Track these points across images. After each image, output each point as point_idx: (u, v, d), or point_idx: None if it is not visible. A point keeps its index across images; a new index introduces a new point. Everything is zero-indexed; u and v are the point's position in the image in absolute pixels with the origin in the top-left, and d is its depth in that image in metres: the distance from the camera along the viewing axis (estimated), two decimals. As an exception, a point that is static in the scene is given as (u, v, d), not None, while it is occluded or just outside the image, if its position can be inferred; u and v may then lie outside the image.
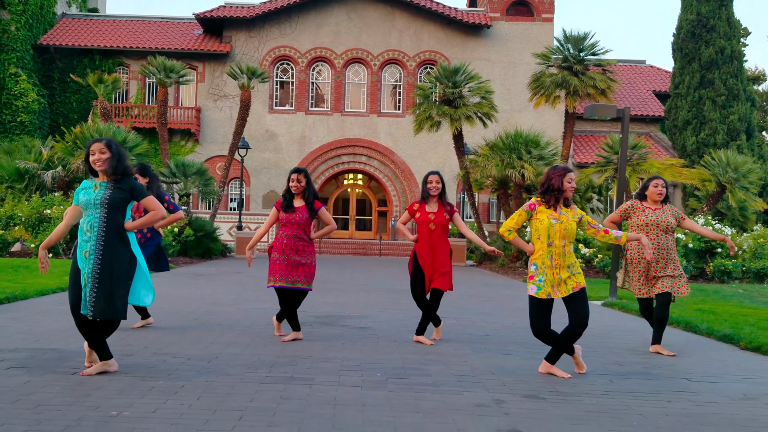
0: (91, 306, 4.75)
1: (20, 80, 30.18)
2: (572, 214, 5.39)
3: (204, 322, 7.79)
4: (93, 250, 4.80)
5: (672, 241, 6.55)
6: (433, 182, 6.68)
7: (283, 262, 6.52)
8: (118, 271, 4.82)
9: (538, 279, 5.28)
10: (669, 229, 6.52)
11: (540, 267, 5.30)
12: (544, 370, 5.47)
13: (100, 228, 4.82)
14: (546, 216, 5.31)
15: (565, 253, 5.29)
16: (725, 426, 4.28)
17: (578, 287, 5.28)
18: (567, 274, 5.27)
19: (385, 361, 5.83)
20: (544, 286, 5.26)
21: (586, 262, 17.56)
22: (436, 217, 6.66)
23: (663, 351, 6.61)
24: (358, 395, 4.64)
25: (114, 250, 4.82)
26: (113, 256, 4.82)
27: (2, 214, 18.05)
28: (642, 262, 6.51)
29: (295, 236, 6.56)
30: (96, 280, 4.77)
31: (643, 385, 5.24)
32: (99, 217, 4.82)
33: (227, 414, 4.09)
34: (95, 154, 4.84)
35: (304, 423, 3.95)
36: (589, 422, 4.21)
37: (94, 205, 4.83)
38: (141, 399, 4.37)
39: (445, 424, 4.02)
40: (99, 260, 4.79)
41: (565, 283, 5.27)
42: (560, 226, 5.29)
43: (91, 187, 4.90)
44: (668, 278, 6.46)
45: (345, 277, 15.10)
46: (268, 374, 5.17)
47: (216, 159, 31.30)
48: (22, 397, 4.34)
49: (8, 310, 8.18)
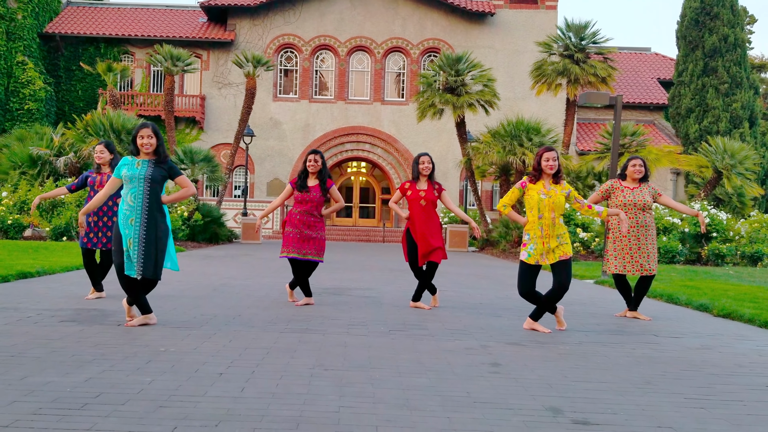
0: (140, 267, 5.47)
1: (27, 68, 30.47)
2: (561, 189, 5.90)
3: (222, 292, 8.36)
4: (138, 217, 5.48)
5: (651, 218, 7.02)
6: (424, 163, 7.24)
7: (296, 236, 7.10)
8: (159, 236, 5.53)
9: (530, 247, 5.85)
10: (646, 207, 6.98)
11: (532, 237, 5.86)
12: (528, 326, 6.09)
13: (144, 199, 5.50)
14: (536, 192, 5.87)
15: (555, 224, 5.82)
16: (676, 364, 4.89)
17: (565, 256, 5.82)
18: (556, 243, 5.80)
19: (388, 320, 6.55)
20: (534, 254, 5.83)
21: (585, 246, 17.87)
22: (426, 194, 7.19)
23: (640, 316, 7.14)
24: (364, 341, 5.36)
25: (155, 218, 5.54)
26: (156, 224, 5.52)
27: (16, 199, 18.43)
28: (623, 240, 6.90)
29: (308, 212, 7.14)
30: (143, 244, 5.47)
31: (613, 338, 5.90)
32: (143, 189, 5.50)
33: (256, 351, 4.84)
34: (143, 138, 5.55)
35: (320, 357, 4.72)
36: (559, 360, 4.89)
37: (138, 179, 5.50)
38: (182, 341, 5.10)
39: (438, 360, 4.72)
40: (144, 227, 5.48)
41: (554, 251, 5.81)
42: (549, 200, 5.81)
43: (134, 163, 5.56)
44: (652, 257, 6.94)
45: (350, 260, 15.48)
46: (286, 327, 5.92)
47: (220, 146, 31.59)
48: (82, 339, 5.07)
49: (41, 282, 8.79)
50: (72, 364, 4.24)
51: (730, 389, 4.18)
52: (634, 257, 6.95)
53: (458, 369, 4.45)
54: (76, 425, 3.07)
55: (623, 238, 6.94)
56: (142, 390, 3.68)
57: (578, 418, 3.42)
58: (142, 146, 5.55)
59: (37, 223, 17.84)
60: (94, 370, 4.08)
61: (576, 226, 18.35)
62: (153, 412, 3.29)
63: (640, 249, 6.92)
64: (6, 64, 30.02)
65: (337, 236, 28.16)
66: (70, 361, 4.32)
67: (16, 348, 4.66)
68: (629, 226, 6.79)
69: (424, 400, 3.67)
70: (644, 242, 6.92)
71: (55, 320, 5.84)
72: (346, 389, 3.84)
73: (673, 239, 17.17)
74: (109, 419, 3.17)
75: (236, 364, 4.37)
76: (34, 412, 3.24)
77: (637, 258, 6.94)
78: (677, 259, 16.91)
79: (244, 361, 4.49)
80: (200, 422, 3.17)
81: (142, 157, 5.60)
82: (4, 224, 17.74)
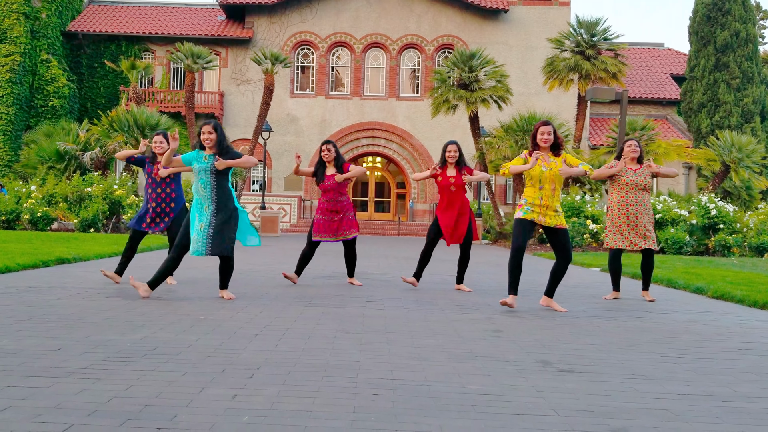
0: (209, 248, 6.27)
1: (51, 66, 31.34)
2: (560, 160, 6.30)
3: (248, 275, 9.02)
4: (210, 204, 6.34)
5: (648, 198, 7.48)
6: (451, 151, 7.77)
7: (326, 222, 7.86)
8: (227, 219, 6.34)
9: (527, 207, 6.26)
10: (647, 187, 7.46)
11: (530, 203, 6.27)
12: (545, 303, 6.49)
13: (212, 188, 6.34)
14: (538, 164, 6.23)
15: (554, 195, 6.25)
16: (662, 333, 5.43)
17: (561, 226, 6.26)
18: (553, 213, 6.25)
19: (403, 297, 7.20)
20: (530, 213, 6.23)
21: (595, 238, 18.34)
22: (456, 180, 7.72)
23: (648, 296, 7.65)
24: (381, 313, 6.01)
25: (223, 204, 6.34)
26: (224, 209, 6.33)
27: (44, 192, 19.21)
28: (622, 217, 7.40)
29: (334, 199, 7.87)
30: (214, 227, 6.27)
31: (609, 313, 6.47)
32: (210, 180, 6.34)
33: (285, 319, 5.50)
34: (205, 134, 6.37)
35: (342, 324, 5.36)
36: (554, 328, 5.46)
37: (206, 171, 6.33)
38: (217, 312, 5.75)
39: (447, 328, 5.32)
40: (215, 212, 6.30)
41: (551, 218, 6.23)
42: (550, 173, 6.25)
43: (201, 157, 6.41)
44: (650, 235, 7.42)
45: (366, 250, 16.06)
46: (310, 302, 6.57)
47: (239, 142, 32.29)
48: (130, 310, 5.72)
49: (79, 266, 9.51)
50: (126, 327, 4.87)
51: (703, 350, 4.73)
52: (628, 234, 7.45)
53: (464, 333, 5.04)
54: (141, 367, 3.68)
55: (621, 215, 7.43)
56: (191, 345, 4.30)
57: (563, 368, 3.99)
58: (204, 141, 6.37)
59: (63, 217, 18.61)
60: (147, 332, 4.71)
61: (586, 218, 18.83)
62: (203, 360, 3.90)
63: (636, 227, 7.34)
64: (31, 61, 30.90)
65: (353, 229, 28.74)
66: (123, 325, 4.95)
67: (74, 315, 5.30)
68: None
69: (433, 354, 4.25)
70: (641, 220, 7.36)
71: (102, 296, 6.49)
72: (366, 346, 4.44)
73: (680, 231, 17.61)
74: (168, 364, 3.78)
75: (269, 329, 4.99)
76: (104, 359, 3.86)
77: (631, 236, 7.42)
78: (684, 250, 17.35)
79: (275, 326, 5.11)
80: (244, 366, 3.77)
81: (208, 151, 6.40)
82: (34, 216, 18.52)
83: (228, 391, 3.28)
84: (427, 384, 3.52)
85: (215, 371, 3.65)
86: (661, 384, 3.70)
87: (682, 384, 3.72)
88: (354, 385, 3.46)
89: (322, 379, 3.54)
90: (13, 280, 7.49)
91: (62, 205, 18.68)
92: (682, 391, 3.56)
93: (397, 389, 3.40)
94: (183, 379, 3.48)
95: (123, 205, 18.88)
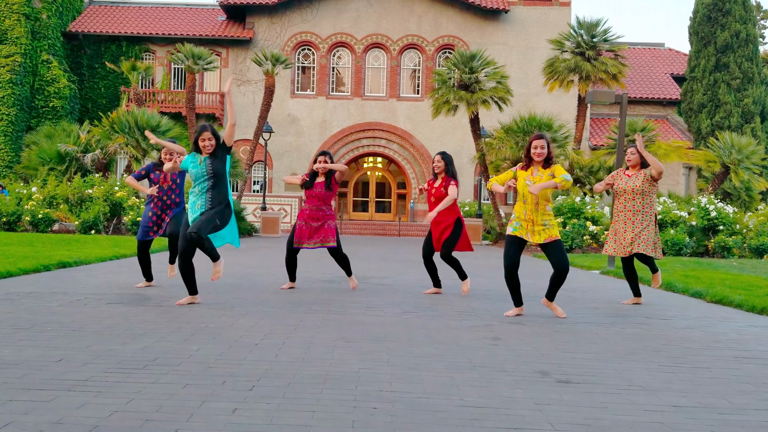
0: (194, 226, 6.23)
1: (52, 66, 31.38)
2: (548, 172, 6.24)
3: (248, 279, 9.01)
4: (203, 203, 6.37)
5: (647, 204, 7.41)
6: (435, 161, 7.90)
7: (306, 229, 7.90)
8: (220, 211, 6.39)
9: (515, 223, 6.31)
10: (644, 192, 7.40)
11: (517, 217, 6.33)
12: (545, 303, 6.53)
13: (207, 190, 6.38)
14: (523, 178, 6.29)
15: (538, 210, 6.21)
16: (660, 340, 5.47)
17: (551, 239, 6.22)
18: (541, 227, 6.21)
19: (402, 303, 7.23)
20: (519, 229, 6.27)
21: (595, 239, 18.37)
22: (436, 191, 7.81)
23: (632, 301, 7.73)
24: (381, 320, 6.05)
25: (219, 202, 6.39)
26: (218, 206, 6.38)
27: (45, 194, 19.25)
28: (618, 223, 7.44)
29: (316, 207, 7.92)
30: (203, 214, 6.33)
31: (607, 319, 6.49)
32: (207, 183, 6.38)
33: (285, 327, 5.53)
34: (204, 141, 6.36)
35: (341, 332, 5.40)
36: (553, 335, 5.52)
37: (202, 174, 6.38)
38: (218, 319, 5.79)
39: (446, 336, 5.36)
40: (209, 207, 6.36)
41: (540, 234, 6.22)
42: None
43: (197, 160, 6.33)
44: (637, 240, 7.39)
45: (366, 252, 16.10)
46: (309, 309, 6.59)
47: (239, 143, 32.31)
48: (130, 317, 5.74)
49: (80, 270, 9.55)
50: (127, 336, 4.91)
51: (700, 359, 4.76)
52: (622, 240, 7.48)
53: (463, 342, 5.08)
54: (142, 379, 3.71)
55: (616, 221, 7.46)
56: (192, 356, 4.33)
57: (561, 379, 4.02)
58: (203, 148, 6.37)
59: (65, 218, 18.65)
60: (148, 341, 4.74)
61: (586, 219, 18.86)
62: (204, 371, 3.93)
63: (633, 232, 7.36)
64: (31, 62, 30.94)
65: (354, 230, 28.81)
66: (124, 334, 4.98)
67: (75, 324, 5.34)
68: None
69: (432, 364, 4.29)
70: (637, 226, 7.37)
71: (102, 302, 6.53)
72: (365, 356, 4.47)
73: (680, 232, 17.64)
74: (168, 375, 3.81)
75: (269, 337, 5.02)
76: (104, 371, 3.89)
77: (623, 241, 7.46)
78: (684, 251, 17.38)
79: (275, 334, 5.14)
80: (244, 378, 3.80)
81: (204, 154, 6.41)
82: (35, 218, 18.56)
83: (228, 404, 3.31)
84: (425, 396, 3.55)
85: (215, 383, 3.68)
86: (657, 395, 3.73)
87: (679, 395, 3.75)
88: (353, 397, 3.49)
89: (322, 392, 3.58)
90: (14, 286, 7.54)
91: (63, 206, 18.73)
92: (678, 403, 3.59)
93: (396, 402, 3.43)
94: (183, 391, 3.51)
95: (124, 207, 18.93)
